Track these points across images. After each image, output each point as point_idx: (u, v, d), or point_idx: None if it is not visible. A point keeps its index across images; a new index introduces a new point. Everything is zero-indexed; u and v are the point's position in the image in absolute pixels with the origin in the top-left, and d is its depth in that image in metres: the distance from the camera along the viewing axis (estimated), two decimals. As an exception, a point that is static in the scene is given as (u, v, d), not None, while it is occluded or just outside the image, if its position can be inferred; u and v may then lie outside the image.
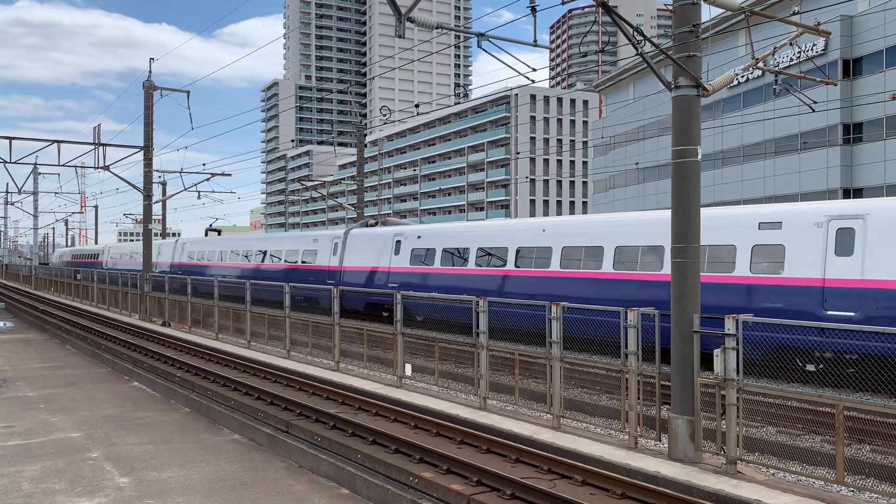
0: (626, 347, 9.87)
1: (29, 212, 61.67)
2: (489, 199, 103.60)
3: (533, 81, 10.49)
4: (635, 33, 8.49)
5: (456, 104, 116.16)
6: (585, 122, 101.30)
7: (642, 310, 9.92)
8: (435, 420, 10.95)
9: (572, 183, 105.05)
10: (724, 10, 10.66)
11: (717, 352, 8.82)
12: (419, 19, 8.30)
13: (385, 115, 33.78)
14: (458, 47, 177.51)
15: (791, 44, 12.25)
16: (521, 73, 9.71)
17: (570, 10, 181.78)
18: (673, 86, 9.42)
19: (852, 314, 13.62)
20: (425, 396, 12.95)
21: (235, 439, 11.92)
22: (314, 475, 9.89)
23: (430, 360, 14.41)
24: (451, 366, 15.54)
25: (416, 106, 28.37)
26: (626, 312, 9.80)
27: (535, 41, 9.51)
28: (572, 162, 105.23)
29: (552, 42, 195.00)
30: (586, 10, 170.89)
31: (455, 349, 14.90)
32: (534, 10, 9.00)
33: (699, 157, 9.52)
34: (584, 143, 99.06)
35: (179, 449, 11.24)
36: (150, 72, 29.86)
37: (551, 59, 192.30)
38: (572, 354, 11.28)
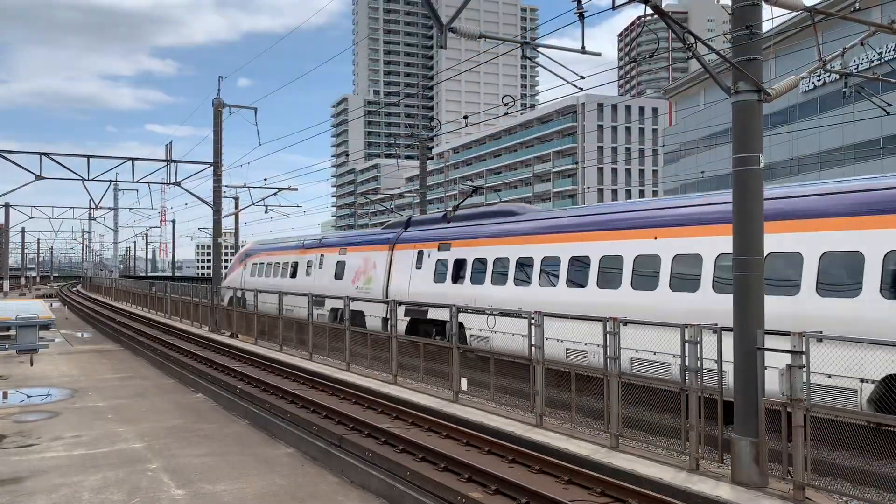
0: (686, 363, 9.46)
1: (109, 227, 64.21)
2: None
3: (581, 90, 10.23)
4: (687, 36, 8.14)
5: (521, 114, 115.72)
6: (655, 130, 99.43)
7: (703, 325, 9.50)
8: (488, 437, 10.73)
9: (641, 192, 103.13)
10: (795, 13, 10.13)
11: (782, 370, 8.35)
12: (461, 30, 8.18)
13: (437, 127, 33.74)
14: (525, 57, 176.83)
15: (862, 44, 11.59)
16: (569, 82, 9.48)
17: (639, 17, 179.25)
18: (733, 91, 9.02)
19: None
20: (481, 412, 12.74)
21: (290, 452, 11.96)
22: (365, 491, 9.80)
23: (486, 374, 14.19)
24: (508, 380, 15.27)
25: (475, 115, 28.21)
26: (684, 328, 9.40)
27: (584, 48, 9.25)
28: (641, 171, 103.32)
29: (621, 49, 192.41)
30: (647, 18, 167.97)
31: (510, 363, 14.62)
32: (581, 16, 8.78)
33: (762, 164, 9.07)
34: (654, 151, 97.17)
35: (235, 461, 11.34)
36: (218, 90, 30.72)
37: (620, 67, 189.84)
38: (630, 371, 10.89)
